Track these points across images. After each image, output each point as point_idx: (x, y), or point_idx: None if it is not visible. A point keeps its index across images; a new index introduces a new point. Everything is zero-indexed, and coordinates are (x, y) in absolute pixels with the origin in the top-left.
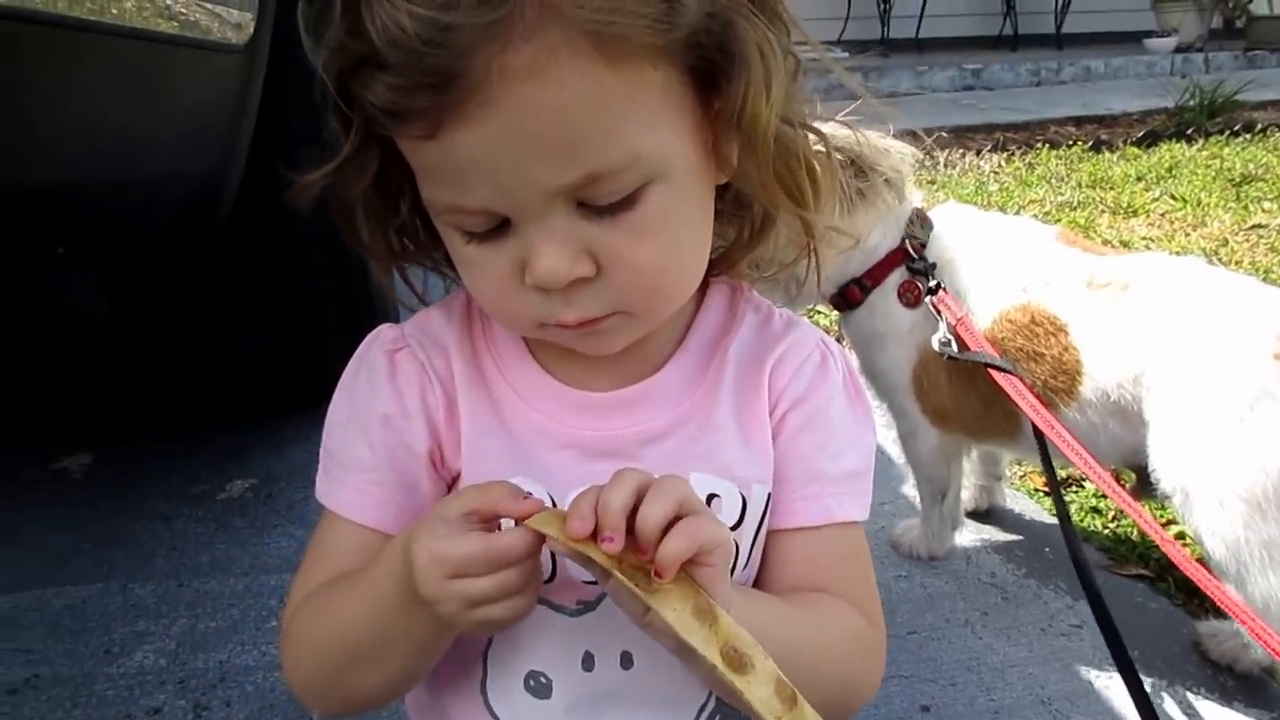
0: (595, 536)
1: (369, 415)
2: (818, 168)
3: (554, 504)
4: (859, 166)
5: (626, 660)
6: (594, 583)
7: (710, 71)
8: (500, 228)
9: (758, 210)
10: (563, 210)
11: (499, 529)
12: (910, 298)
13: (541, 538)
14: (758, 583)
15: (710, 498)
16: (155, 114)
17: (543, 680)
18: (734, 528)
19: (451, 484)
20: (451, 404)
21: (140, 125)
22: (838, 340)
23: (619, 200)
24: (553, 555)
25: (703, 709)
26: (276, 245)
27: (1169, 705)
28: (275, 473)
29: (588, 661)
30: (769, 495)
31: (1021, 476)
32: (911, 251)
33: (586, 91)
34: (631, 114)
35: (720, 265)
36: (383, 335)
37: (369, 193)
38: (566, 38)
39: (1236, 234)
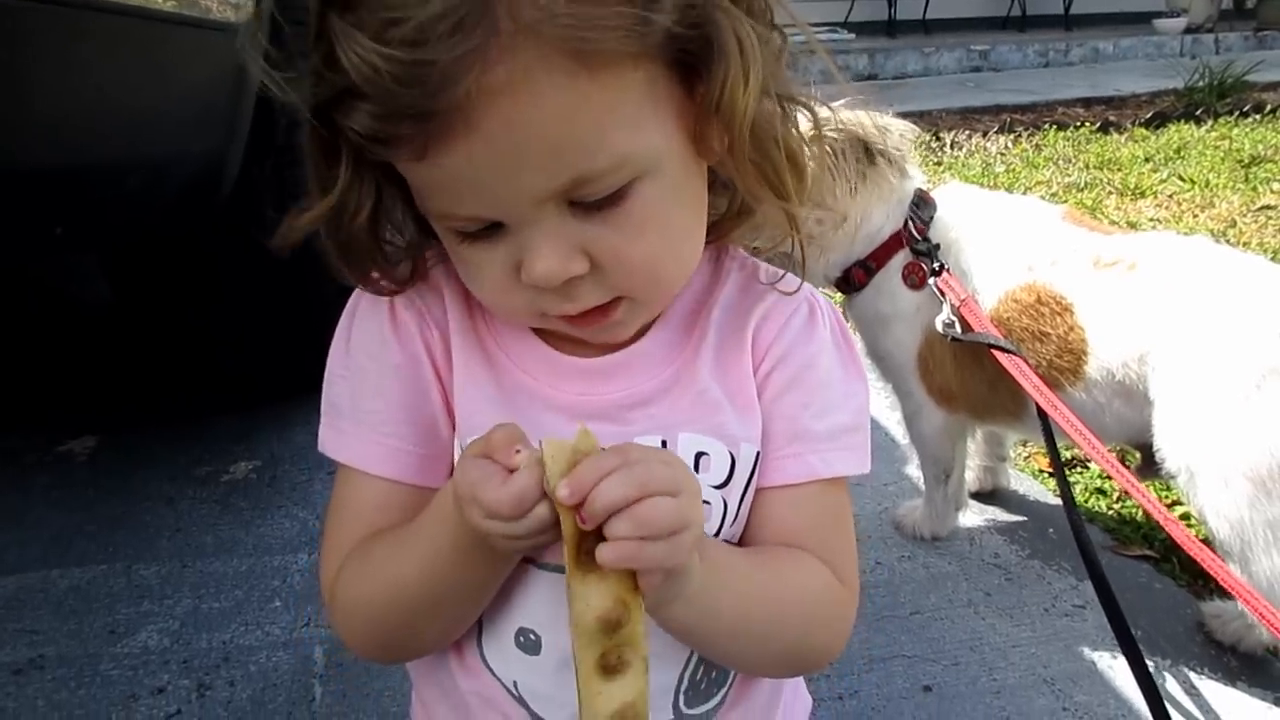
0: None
1: (376, 367)
2: (802, 154)
3: None
4: (862, 147)
5: None
6: None
7: (691, 62)
8: (495, 228)
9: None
10: (554, 212)
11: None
12: (915, 279)
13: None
14: (741, 539)
15: (699, 456)
16: (155, 93)
17: (532, 637)
18: (721, 486)
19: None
20: (449, 349)
21: (140, 105)
22: None
23: (608, 196)
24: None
25: (687, 663)
26: (278, 225)
27: (1173, 685)
28: (279, 455)
29: None
30: (758, 454)
31: (1026, 457)
32: (915, 233)
33: (567, 103)
34: (614, 119)
35: (711, 234)
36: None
37: (367, 225)
38: (542, 55)
39: (1245, 215)
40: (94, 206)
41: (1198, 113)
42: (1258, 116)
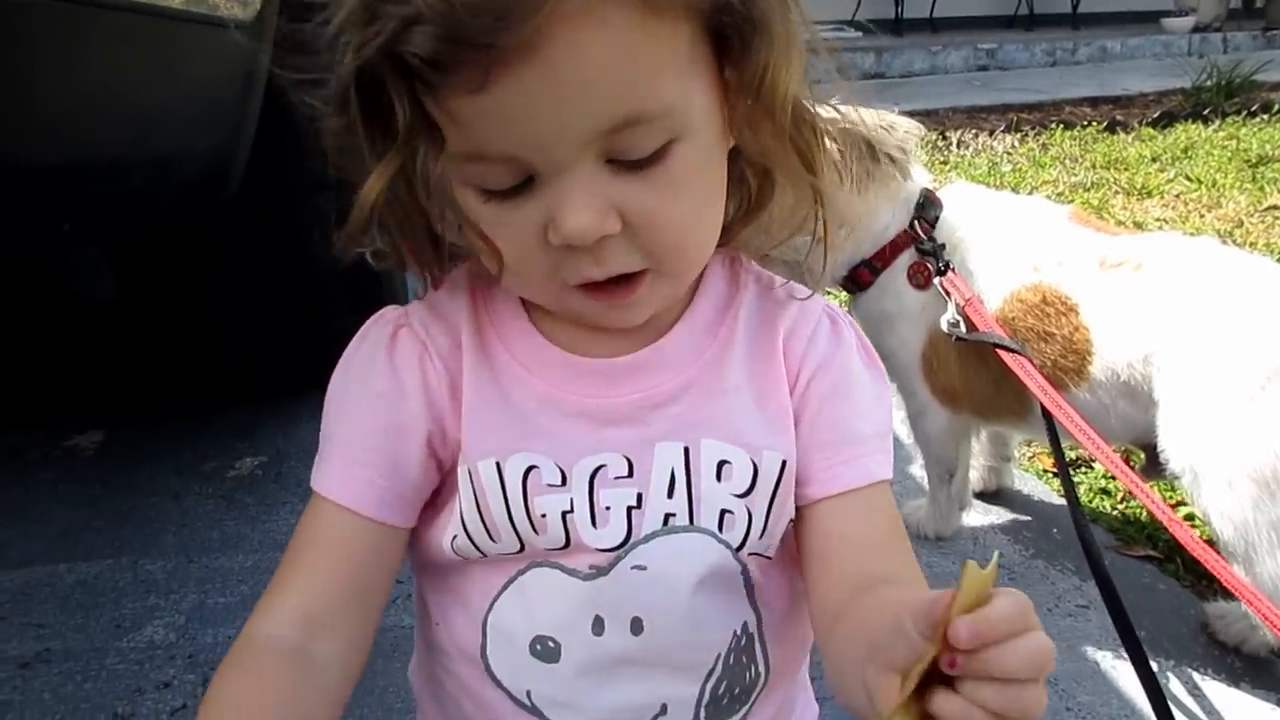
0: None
1: (360, 393)
2: (828, 139)
3: (562, 475)
4: (866, 145)
5: (636, 625)
6: (608, 549)
7: (728, 36)
8: (521, 187)
9: (753, 182)
10: (591, 164)
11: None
12: (920, 279)
13: None
14: (804, 559)
15: (721, 464)
16: (162, 90)
17: (550, 644)
18: (744, 495)
19: (452, 464)
20: (454, 381)
21: (147, 102)
22: None
23: (647, 156)
24: (563, 520)
25: (710, 674)
26: (285, 224)
27: (1177, 686)
28: (284, 450)
29: (598, 625)
30: (783, 463)
31: (1030, 458)
32: (920, 232)
33: (631, 40)
34: (668, 64)
35: (721, 237)
36: (385, 315)
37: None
38: None
39: (1252, 215)
40: (100, 203)
41: (1205, 112)
42: (1266, 116)
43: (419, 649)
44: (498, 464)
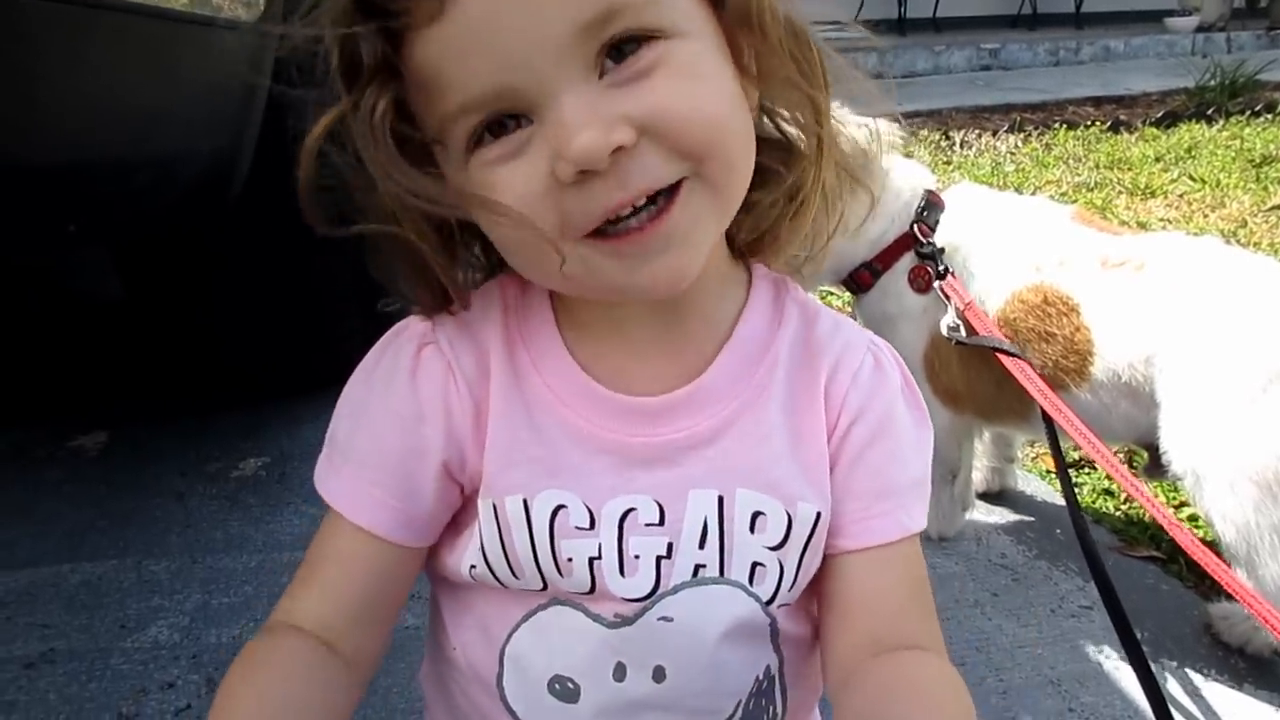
0: None
1: (381, 410)
2: (825, 53)
3: (590, 517)
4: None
5: (659, 674)
6: (635, 599)
7: None
8: (519, 130)
9: (791, 181)
10: (581, 78)
11: None
12: (921, 283)
13: None
14: (822, 607)
15: (755, 516)
16: (166, 91)
17: (570, 685)
18: (777, 548)
19: (473, 490)
20: (479, 406)
21: (151, 102)
22: None
23: (641, 63)
24: (590, 566)
25: (729, 718)
26: (289, 223)
27: (1179, 687)
28: (288, 451)
29: (619, 672)
30: (817, 514)
31: (1034, 458)
32: (919, 236)
33: None
34: None
35: (762, 244)
36: (412, 327)
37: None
38: None
39: (1256, 215)
40: (104, 203)
41: (1209, 112)
42: (1269, 116)
43: (431, 655)
44: (525, 501)
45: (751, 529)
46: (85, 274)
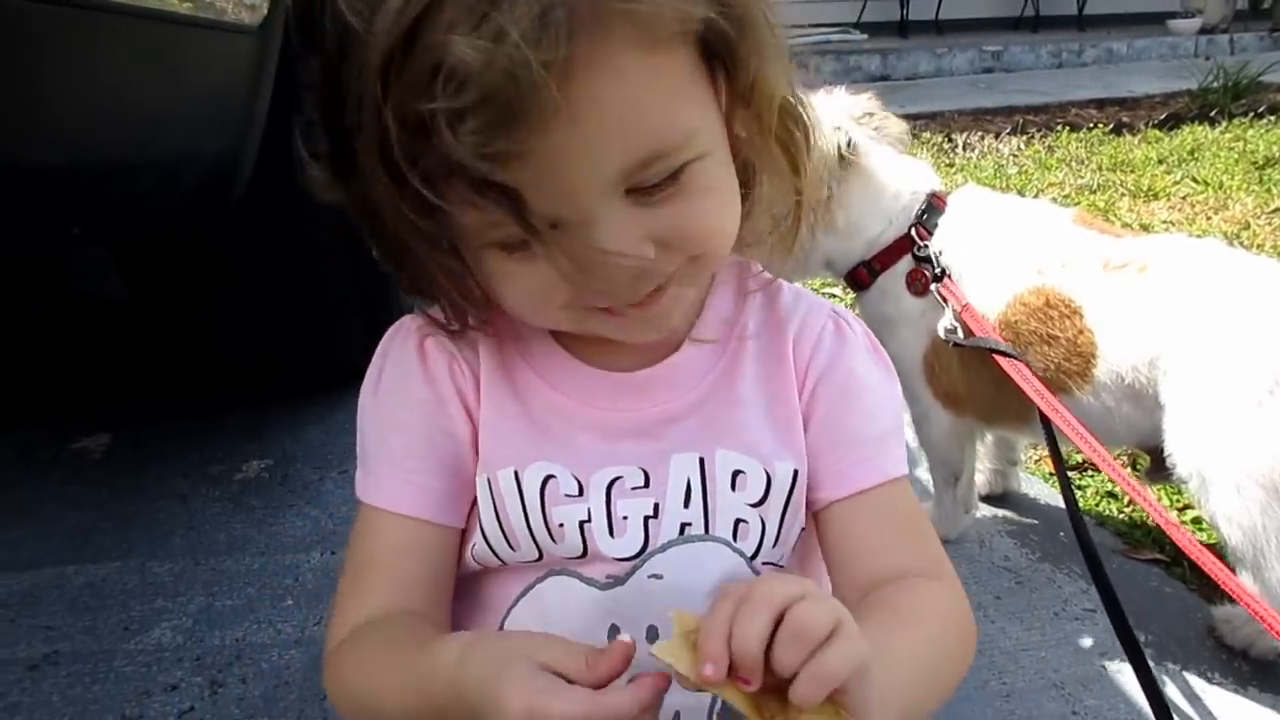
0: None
1: (402, 404)
2: (813, 137)
3: (579, 486)
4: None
5: (652, 635)
6: (625, 559)
7: (718, 49)
8: (540, 235)
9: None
10: (619, 203)
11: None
12: (918, 286)
13: (658, 688)
14: (829, 563)
15: (735, 474)
16: (169, 94)
17: None
18: (757, 504)
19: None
20: (479, 388)
21: (155, 105)
22: None
23: (668, 178)
24: (581, 530)
25: None
26: (291, 226)
27: (1183, 690)
28: (291, 453)
29: (613, 635)
30: (795, 472)
31: (1036, 461)
32: (916, 238)
33: (641, 78)
34: (678, 92)
35: None
36: (405, 326)
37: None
38: (612, 34)
39: (1259, 217)
40: (108, 205)
41: (1212, 114)
42: (1273, 118)
43: None
44: (516, 473)
45: (733, 487)
46: (88, 275)
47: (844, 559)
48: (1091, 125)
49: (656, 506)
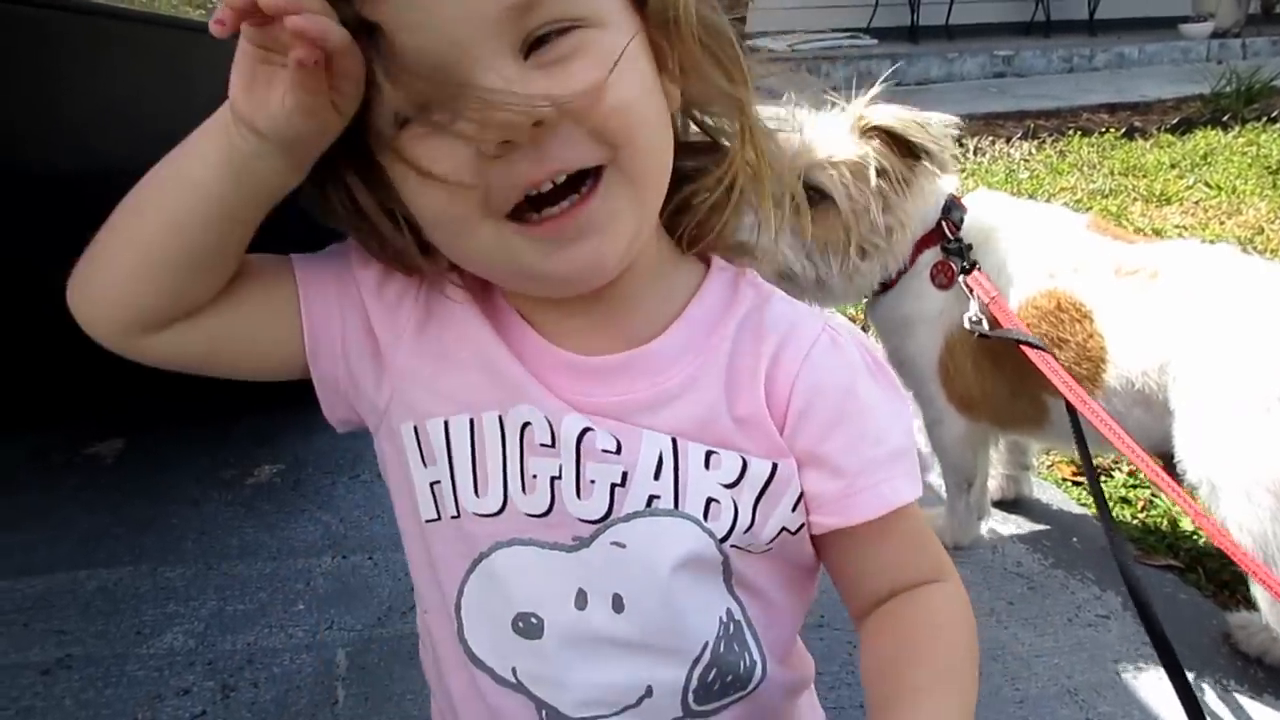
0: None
1: (348, 254)
2: (744, 55)
3: (551, 433)
4: (904, 146)
5: (618, 603)
6: (589, 521)
7: None
8: (444, 121)
9: (720, 175)
10: (508, 57)
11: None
12: (944, 279)
13: None
14: (836, 581)
15: (709, 454)
16: (181, 100)
17: (533, 620)
18: (731, 486)
19: (376, 375)
20: (423, 325)
21: (166, 111)
22: (862, 330)
23: (564, 50)
24: (551, 485)
25: (697, 661)
26: (304, 230)
27: (1198, 697)
28: (303, 458)
29: (580, 599)
30: (773, 465)
31: (1049, 466)
32: (948, 231)
33: None
34: None
35: (704, 235)
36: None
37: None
38: None
39: (1273, 222)
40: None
41: (1224, 118)
42: None
43: (423, 639)
44: (500, 418)
45: (706, 466)
46: None
47: (852, 578)
48: (1103, 130)
49: (625, 475)
